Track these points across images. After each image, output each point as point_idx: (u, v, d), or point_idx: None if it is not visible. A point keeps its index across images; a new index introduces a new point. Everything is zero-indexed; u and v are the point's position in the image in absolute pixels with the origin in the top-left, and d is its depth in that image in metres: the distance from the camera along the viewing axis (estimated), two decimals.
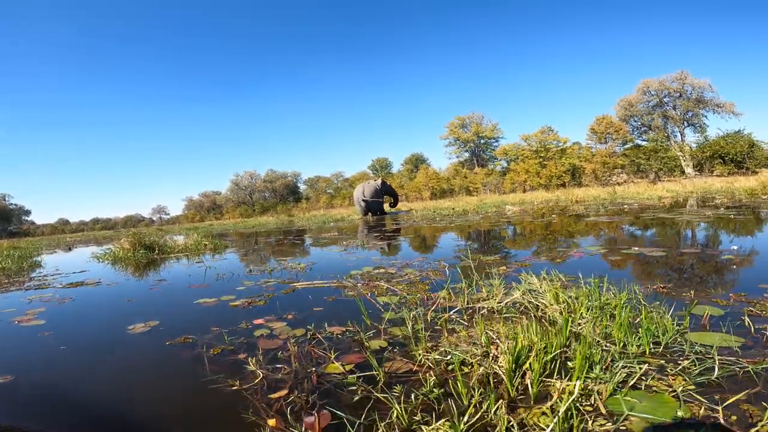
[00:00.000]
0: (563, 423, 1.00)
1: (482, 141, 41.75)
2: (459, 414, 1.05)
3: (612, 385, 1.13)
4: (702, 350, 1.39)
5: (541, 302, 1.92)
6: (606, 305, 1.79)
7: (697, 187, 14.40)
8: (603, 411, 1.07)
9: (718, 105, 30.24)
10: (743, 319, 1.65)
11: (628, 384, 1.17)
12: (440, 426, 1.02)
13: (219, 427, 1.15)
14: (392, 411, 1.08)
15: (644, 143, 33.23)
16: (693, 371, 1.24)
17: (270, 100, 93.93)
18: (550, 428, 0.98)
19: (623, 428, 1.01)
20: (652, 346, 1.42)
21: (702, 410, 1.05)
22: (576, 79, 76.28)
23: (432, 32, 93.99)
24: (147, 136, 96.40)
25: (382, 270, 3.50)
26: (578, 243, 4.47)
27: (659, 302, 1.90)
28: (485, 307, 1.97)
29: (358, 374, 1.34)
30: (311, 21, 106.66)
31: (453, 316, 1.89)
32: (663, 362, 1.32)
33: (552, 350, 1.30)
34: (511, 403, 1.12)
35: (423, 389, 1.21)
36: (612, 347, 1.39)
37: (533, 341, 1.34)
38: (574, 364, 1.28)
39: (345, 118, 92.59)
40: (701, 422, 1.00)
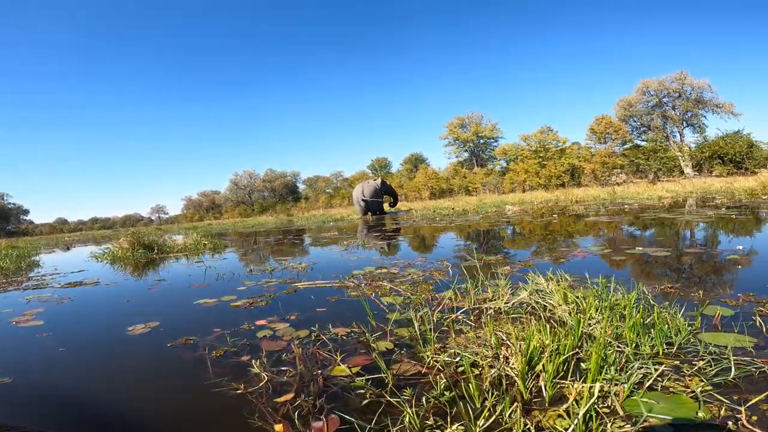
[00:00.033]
0: (582, 425, 0.97)
1: (481, 141, 41.74)
2: (474, 417, 1.02)
3: (629, 387, 1.10)
4: (716, 351, 1.36)
5: (549, 303, 1.89)
6: (615, 305, 1.76)
7: (697, 188, 14.40)
8: (621, 413, 1.04)
9: (718, 105, 30.30)
10: (754, 319, 1.64)
11: (645, 385, 1.15)
12: (455, 430, 0.99)
13: None
14: (404, 415, 1.05)
15: (643, 143, 33.28)
16: (709, 372, 1.22)
17: (270, 100, 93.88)
18: (570, 431, 0.95)
19: (642, 430, 0.98)
20: (665, 347, 1.40)
21: (723, 411, 1.03)
22: (575, 79, 76.55)
23: (432, 32, 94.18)
24: (146, 136, 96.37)
25: (385, 270, 3.47)
26: (580, 243, 4.44)
27: (669, 302, 1.88)
28: (492, 308, 1.94)
29: (366, 377, 1.31)
30: (311, 21, 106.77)
31: (459, 317, 1.86)
32: (677, 363, 1.29)
33: (565, 351, 1.26)
34: (526, 406, 1.09)
35: (434, 392, 1.18)
36: (625, 348, 1.36)
37: (545, 342, 1.31)
38: (588, 366, 1.25)
39: (344, 118, 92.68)
40: (718, 425, 0.97)
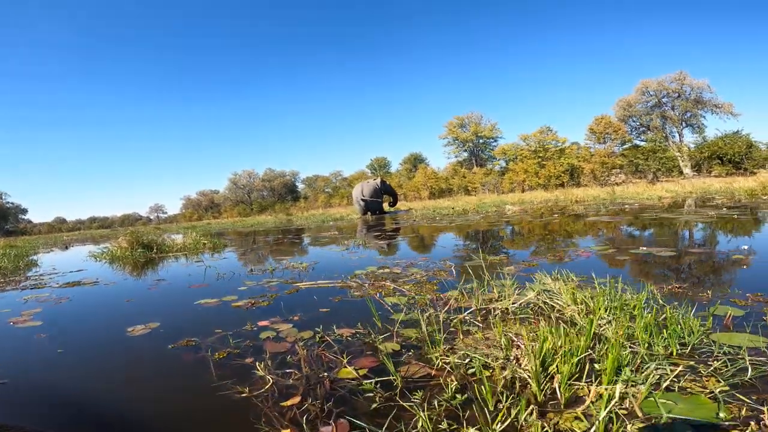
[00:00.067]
0: (602, 428, 0.94)
1: (481, 141, 41.69)
2: (491, 420, 0.98)
3: (647, 388, 1.07)
4: (730, 351, 1.35)
5: (557, 303, 1.86)
6: (625, 306, 1.73)
7: (696, 188, 14.40)
8: (639, 414, 1.02)
9: (717, 105, 30.31)
10: (765, 320, 1.62)
11: (662, 386, 1.12)
12: None
13: None
14: (417, 419, 1.01)
15: (643, 143, 33.26)
16: (725, 372, 1.20)
17: (269, 100, 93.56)
18: None
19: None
20: (678, 347, 1.37)
21: (744, 411, 1.01)
22: (575, 79, 76.43)
23: (432, 32, 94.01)
24: (146, 136, 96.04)
25: (387, 270, 3.44)
26: (584, 243, 4.42)
27: (678, 303, 1.85)
28: (499, 308, 1.90)
29: (374, 379, 1.27)
30: (311, 21, 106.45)
31: (466, 318, 1.82)
32: (692, 363, 1.27)
33: (578, 353, 1.23)
34: (540, 408, 1.06)
35: (444, 395, 1.14)
36: (638, 349, 1.34)
37: (557, 343, 1.28)
38: (601, 367, 1.22)
39: (344, 118, 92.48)
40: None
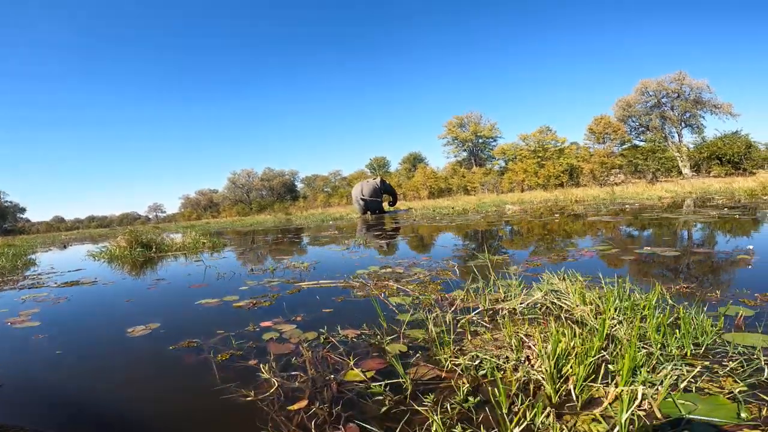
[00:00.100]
0: (623, 428, 0.91)
1: (480, 140, 41.64)
2: (504, 423, 0.95)
3: (665, 389, 1.04)
4: (744, 351, 1.33)
5: (566, 303, 1.83)
6: (635, 306, 1.70)
7: (696, 188, 14.39)
8: (658, 415, 1.00)
9: (716, 106, 30.30)
10: None
11: (680, 386, 1.10)
12: None
13: None
14: (430, 423, 0.98)
15: (642, 144, 33.24)
16: (742, 373, 1.18)
17: (269, 100, 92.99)
18: None
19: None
20: (692, 348, 1.35)
21: (765, 411, 0.99)
22: (575, 79, 76.13)
23: (432, 32, 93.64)
24: (145, 136, 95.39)
25: (389, 269, 3.40)
26: (586, 242, 4.39)
27: (687, 303, 1.83)
28: (506, 309, 1.87)
29: (383, 382, 1.24)
30: (311, 21, 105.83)
31: (474, 318, 1.79)
32: (707, 364, 1.25)
33: (592, 354, 1.20)
34: (556, 410, 1.03)
35: (456, 397, 1.11)
36: (654, 349, 1.31)
37: (570, 344, 1.25)
38: (615, 368, 1.20)
39: (343, 117, 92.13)
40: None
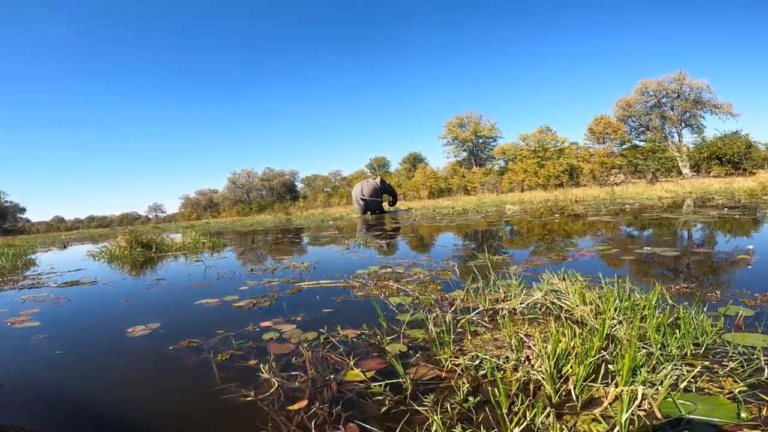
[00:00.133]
0: (623, 428, 0.91)
1: (480, 140, 41.63)
2: (504, 423, 0.95)
3: (665, 389, 1.05)
4: (744, 351, 1.33)
5: (566, 303, 1.83)
6: (635, 306, 1.70)
7: (696, 188, 14.39)
8: (658, 415, 1.00)
9: (716, 106, 30.28)
10: None
11: (680, 386, 1.10)
12: None
13: None
14: (430, 423, 0.98)
15: (642, 144, 33.23)
16: (742, 373, 1.19)
17: (269, 100, 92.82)
18: None
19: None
20: (692, 348, 1.35)
21: (765, 411, 0.99)
22: (575, 79, 75.99)
23: (432, 32, 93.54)
24: (145, 136, 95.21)
25: (389, 269, 3.40)
26: (586, 242, 4.39)
27: (687, 303, 1.83)
28: (506, 309, 1.87)
29: (383, 382, 1.24)
30: (311, 21, 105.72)
31: (474, 318, 1.79)
32: (707, 364, 1.25)
33: (592, 353, 1.20)
34: (556, 410, 1.03)
35: (456, 397, 1.11)
36: (654, 350, 1.31)
37: (570, 344, 1.25)
38: (616, 368, 1.20)
39: (343, 117, 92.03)
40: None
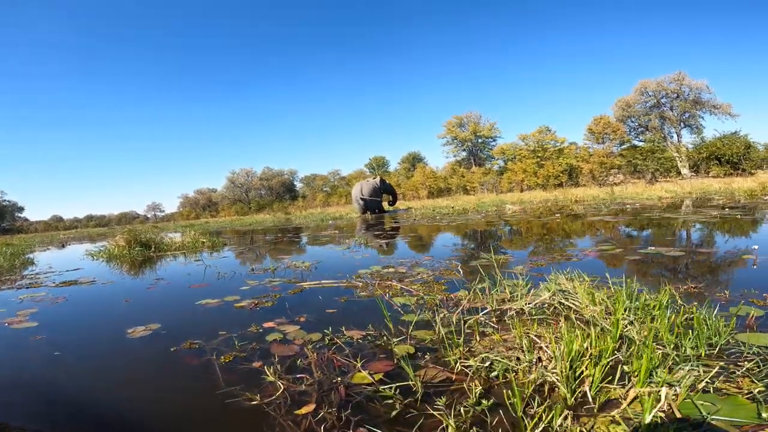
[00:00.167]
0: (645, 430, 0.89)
1: (480, 140, 41.59)
2: (527, 426, 0.92)
3: (685, 390, 1.02)
4: (759, 351, 1.31)
5: (574, 303, 1.80)
6: (646, 306, 1.67)
7: (696, 188, 14.39)
8: (678, 415, 0.98)
9: (715, 106, 30.29)
10: None
11: (698, 387, 1.08)
12: None
13: None
14: (444, 427, 0.94)
15: (641, 144, 33.25)
16: (758, 373, 1.16)
17: (269, 100, 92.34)
18: None
19: None
20: (706, 348, 1.33)
21: None
22: (574, 79, 75.83)
23: (432, 32, 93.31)
24: (144, 136, 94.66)
25: (392, 269, 3.37)
26: (590, 242, 4.37)
27: (697, 303, 1.80)
28: (514, 309, 1.84)
29: (392, 384, 1.20)
30: (311, 21, 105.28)
31: (481, 318, 1.76)
32: (722, 364, 1.23)
33: (606, 354, 1.17)
34: (572, 413, 1.00)
35: (469, 400, 1.08)
36: (668, 350, 1.28)
37: (583, 345, 1.22)
38: (631, 369, 1.17)
39: (343, 117, 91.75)
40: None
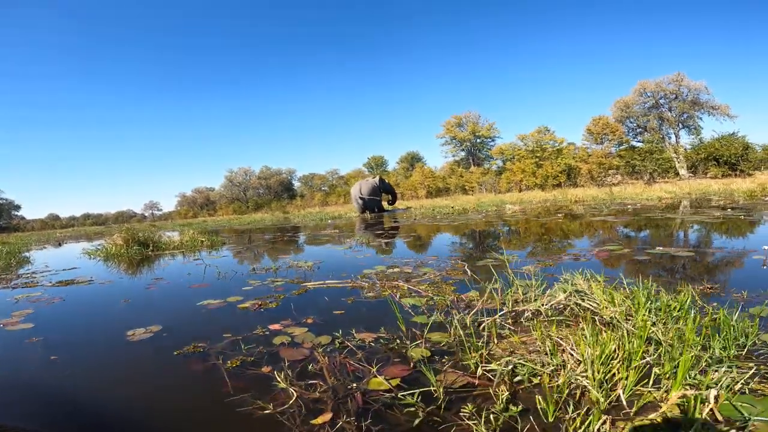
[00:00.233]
0: None
1: (478, 140, 41.56)
2: None
3: (724, 391, 0.97)
4: None
5: (592, 304, 1.74)
6: (668, 307, 1.61)
7: (694, 189, 14.39)
8: (719, 418, 0.93)
9: (714, 107, 30.37)
10: None
11: (735, 388, 1.03)
12: None
13: None
14: None
15: (639, 144, 33.30)
16: None
17: (269, 100, 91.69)
18: None
19: None
20: (735, 349, 1.28)
21: None
22: (573, 80, 75.81)
23: (432, 32, 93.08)
24: (143, 135, 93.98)
25: (397, 269, 3.30)
26: (596, 242, 4.32)
27: (717, 303, 1.75)
28: (530, 310, 1.78)
29: (413, 390, 1.13)
30: (311, 21, 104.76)
31: (497, 320, 1.69)
32: (751, 365, 1.18)
33: (637, 357, 1.11)
34: (610, 417, 0.94)
35: (495, 406, 1.01)
36: (697, 351, 1.22)
37: (611, 347, 1.16)
38: (661, 371, 1.11)
39: (343, 117, 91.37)
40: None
